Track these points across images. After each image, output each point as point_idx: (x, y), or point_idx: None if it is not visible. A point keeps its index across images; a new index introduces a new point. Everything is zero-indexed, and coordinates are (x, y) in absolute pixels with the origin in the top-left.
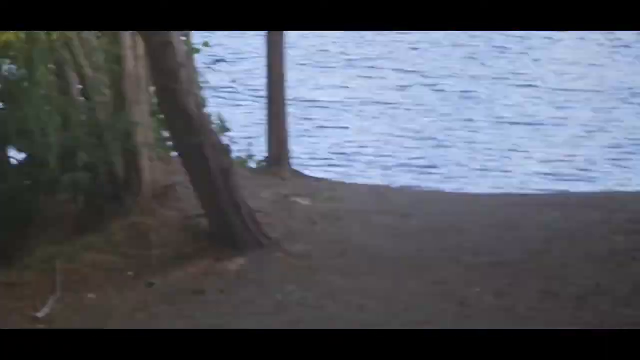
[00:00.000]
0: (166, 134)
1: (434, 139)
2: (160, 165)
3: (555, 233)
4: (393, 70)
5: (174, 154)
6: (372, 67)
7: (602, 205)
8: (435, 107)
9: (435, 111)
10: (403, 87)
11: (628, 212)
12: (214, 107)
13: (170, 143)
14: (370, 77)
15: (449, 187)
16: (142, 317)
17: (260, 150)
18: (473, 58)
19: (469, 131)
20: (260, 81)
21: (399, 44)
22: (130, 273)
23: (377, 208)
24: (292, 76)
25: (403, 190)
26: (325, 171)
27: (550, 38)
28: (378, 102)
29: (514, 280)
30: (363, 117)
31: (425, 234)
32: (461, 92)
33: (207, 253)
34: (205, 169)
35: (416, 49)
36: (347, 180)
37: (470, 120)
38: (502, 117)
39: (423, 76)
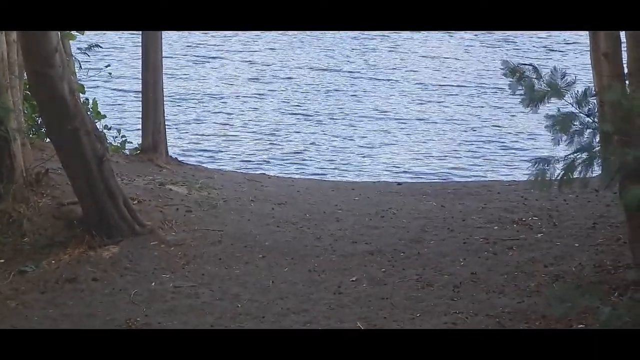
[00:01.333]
0: (40, 119)
1: (298, 132)
2: (33, 152)
3: (432, 222)
4: (250, 62)
5: (48, 140)
6: (234, 60)
7: (478, 194)
8: (299, 101)
9: (298, 105)
10: (263, 81)
11: (504, 202)
12: (88, 93)
13: (44, 129)
14: (228, 69)
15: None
16: (14, 306)
17: (137, 137)
18: (331, 50)
19: (334, 125)
20: (136, 67)
21: (256, 36)
22: (1, 260)
23: (253, 196)
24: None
25: (279, 179)
26: (197, 161)
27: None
28: (241, 95)
29: (390, 269)
30: (224, 110)
31: (302, 222)
32: (327, 85)
33: (80, 241)
34: (79, 156)
35: (277, 42)
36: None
37: (334, 113)
38: (365, 111)
39: (285, 69)
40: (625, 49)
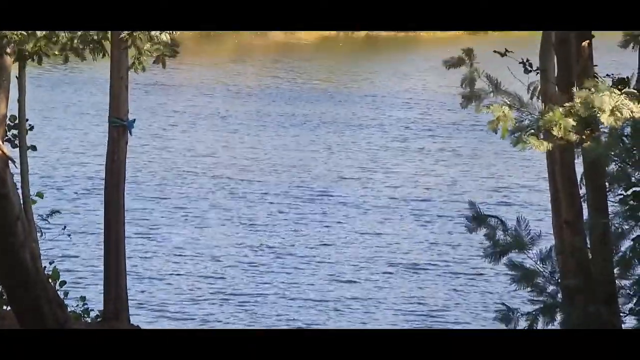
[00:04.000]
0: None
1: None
2: None
3: None
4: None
5: (9, 308)
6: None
7: None
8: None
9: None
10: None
11: None
12: (49, 258)
13: (4, 297)
14: None
15: None
16: None
17: (99, 302)
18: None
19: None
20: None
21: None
22: None
23: None
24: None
25: None
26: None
27: None
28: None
29: None
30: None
31: None
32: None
33: None
34: (40, 324)
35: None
36: None
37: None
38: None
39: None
40: (587, 216)
